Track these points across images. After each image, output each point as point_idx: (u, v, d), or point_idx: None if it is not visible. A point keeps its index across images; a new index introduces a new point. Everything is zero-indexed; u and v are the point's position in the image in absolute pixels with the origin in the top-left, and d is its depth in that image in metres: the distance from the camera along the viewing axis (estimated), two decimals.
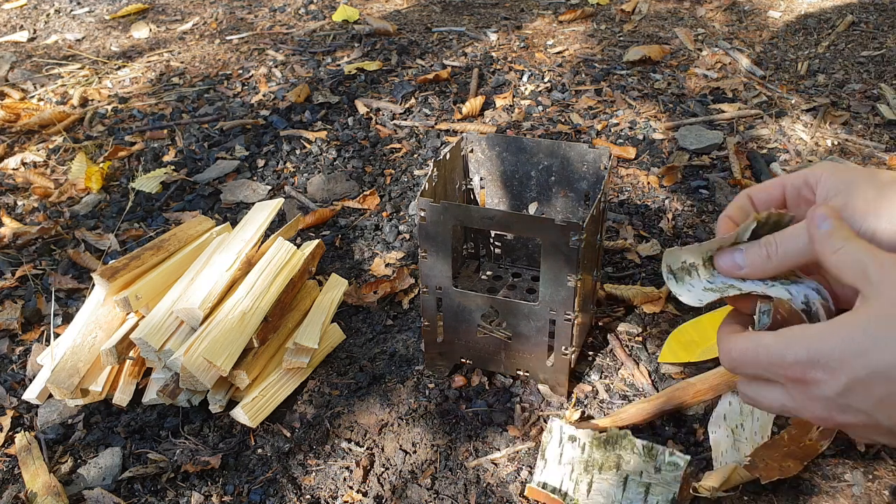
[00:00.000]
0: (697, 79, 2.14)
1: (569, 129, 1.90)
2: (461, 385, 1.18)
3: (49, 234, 1.60)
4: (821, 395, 0.47)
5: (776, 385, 0.50)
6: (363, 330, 1.31)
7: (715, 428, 1.07)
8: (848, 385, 0.45)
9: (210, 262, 1.24)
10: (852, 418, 0.47)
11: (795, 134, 1.86)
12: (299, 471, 1.07)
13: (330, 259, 1.50)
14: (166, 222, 1.64)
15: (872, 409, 0.45)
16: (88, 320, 1.20)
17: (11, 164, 1.88)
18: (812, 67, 2.18)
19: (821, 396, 0.47)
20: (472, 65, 2.26)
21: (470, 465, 1.06)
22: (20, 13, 2.92)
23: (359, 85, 2.16)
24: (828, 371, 0.46)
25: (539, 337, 1.10)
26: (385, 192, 1.69)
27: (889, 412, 0.45)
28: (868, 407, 0.45)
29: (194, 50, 2.50)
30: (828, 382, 0.46)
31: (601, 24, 2.55)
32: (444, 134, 1.91)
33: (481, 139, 1.24)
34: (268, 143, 1.90)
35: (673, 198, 1.63)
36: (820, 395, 0.47)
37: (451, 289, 1.10)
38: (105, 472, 1.07)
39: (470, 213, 1.05)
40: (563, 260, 1.00)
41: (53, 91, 2.28)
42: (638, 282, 1.38)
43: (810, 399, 0.48)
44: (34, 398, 1.17)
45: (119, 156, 1.89)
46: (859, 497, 0.98)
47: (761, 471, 0.98)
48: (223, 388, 1.14)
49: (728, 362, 0.53)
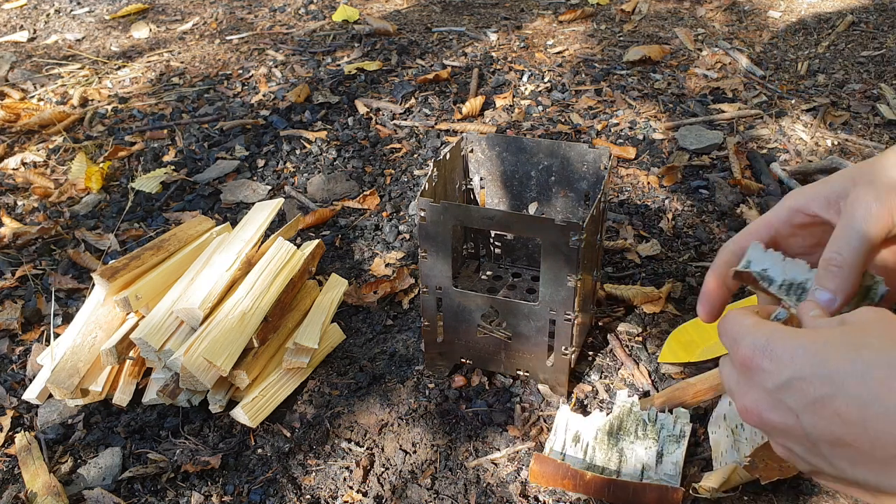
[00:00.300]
0: (697, 79, 2.14)
1: (569, 129, 1.90)
2: (461, 385, 1.18)
3: (49, 234, 1.60)
4: (759, 384, 0.47)
5: (730, 362, 0.51)
6: (363, 330, 1.31)
7: (715, 428, 1.07)
8: (789, 380, 0.45)
9: (210, 262, 1.24)
10: (777, 418, 0.46)
11: (795, 134, 1.86)
12: (299, 471, 1.07)
13: (330, 259, 1.50)
14: (166, 222, 1.64)
15: (802, 409, 0.45)
16: (88, 320, 1.20)
17: (11, 164, 1.88)
18: (812, 67, 2.18)
19: (759, 385, 0.47)
20: (472, 65, 2.26)
21: (470, 465, 1.06)
22: (20, 13, 2.92)
23: (359, 85, 2.16)
24: (775, 362, 0.46)
25: (539, 337, 1.10)
26: (385, 192, 1.69)
27: (816, 417, 0.44)
28: (799, 406, 0.45)
29: (194, 50, 2.50)
30: (771, 373, 0.46)
31: (601, 24, 2.55)
32: (444, 134, 1.91)
33: (481, 139, 1.24)
34: (268, 143, 1.90)
35: (673, 198, 1.63)
36: (759, 383, 0.47)
37: (451, 289, 1.10)
38: (105, 472, 1.07)
39: (470, 213, 1.05)
40: (563, 260, 1.00)
41: (53, 91, 2.28)
42: (638, 282, 1.38)
43: (749, 385, 0.48)
44: (34, 398, 1.17)
45: (119, 156, 1.89)
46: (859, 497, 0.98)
47: (761, 471, 0.98)
48: (223, 388, 1.14)
49: (719, 328, 0.54)
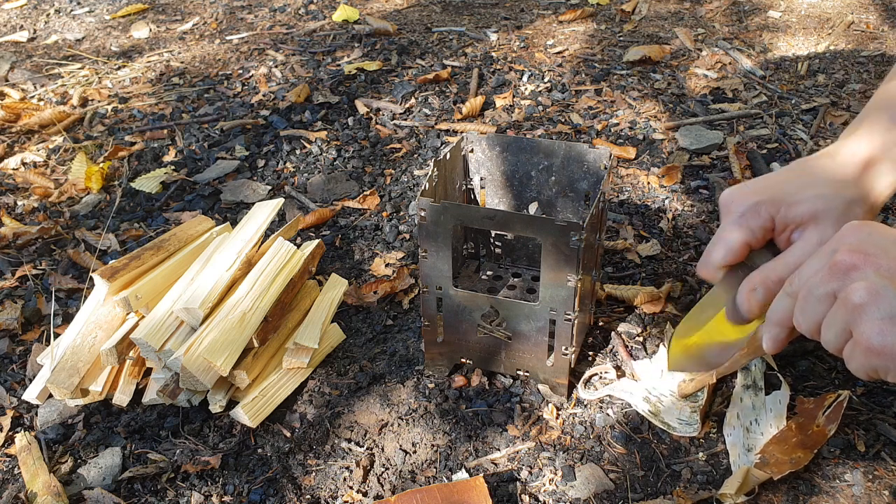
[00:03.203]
0: (697, 79, 2.14)
1: (569, 129, 1.90)
2: (461, 385, 1.18)
3: (49, 234, 1.60)
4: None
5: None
6: (363, 330, 1.31)
7: (730, 430, 1.06)
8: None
9: (210, 262, 1.24)
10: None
11: (795, 134, 1.86)
12: (299, 471, 1.07)
13: (330, 259, 1.50)
14: (166, 222, 1.64)
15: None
16: (88, 320, 1.20)
17: (11, 164, 1.88)
18: (812, 67, 2.18)
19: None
20: (472, 65, 2.26)
21: (470, 465, 1.06)
22: (20, 13, 2.92)
23: (359, 85, 2.16)
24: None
25: (539, 337, 1.10)
26: (385, 192, 1.70)
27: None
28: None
29: (194, 50, 2.50)
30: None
31: (601, 24, 2.55)
32: (444, 134, 1.91)
33: (481, 139, 1.24)
34: (268, 143, 1.90)
35: (673, 198, 1.63)
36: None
37: (451, 289, 1.10)
38: (105, 472, 1.07)
39: (470, 212, 1.05)
40: (563, 260, 1.00)
41: (53, 91, 2.28)
42: (638, 282, 1.38)
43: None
44: (34, 398, 1.17)
45: (119, 156, 1.89)
46: (859, 497, 0.98)
47: (772, 467, 0.98)
48: (223, 388, 1.14)
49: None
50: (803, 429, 1.04)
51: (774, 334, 0.66)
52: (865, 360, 0.57)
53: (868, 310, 0.55)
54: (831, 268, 0.59)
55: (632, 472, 1.04)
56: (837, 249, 0.60)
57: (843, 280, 0.58)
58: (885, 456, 1.03)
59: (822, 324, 0.60)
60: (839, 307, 0.58)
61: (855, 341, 0.57)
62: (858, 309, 0.56)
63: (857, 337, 0.57)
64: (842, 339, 0.59)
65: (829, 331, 0.60)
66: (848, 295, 0.57)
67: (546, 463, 1.05)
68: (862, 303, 0.56)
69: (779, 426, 1.05)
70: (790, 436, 1.03)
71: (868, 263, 0.58)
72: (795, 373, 1.16)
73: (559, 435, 1.10)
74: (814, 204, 0.73)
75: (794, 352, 1.18)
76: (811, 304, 0.61)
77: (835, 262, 0.59)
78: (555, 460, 1.06)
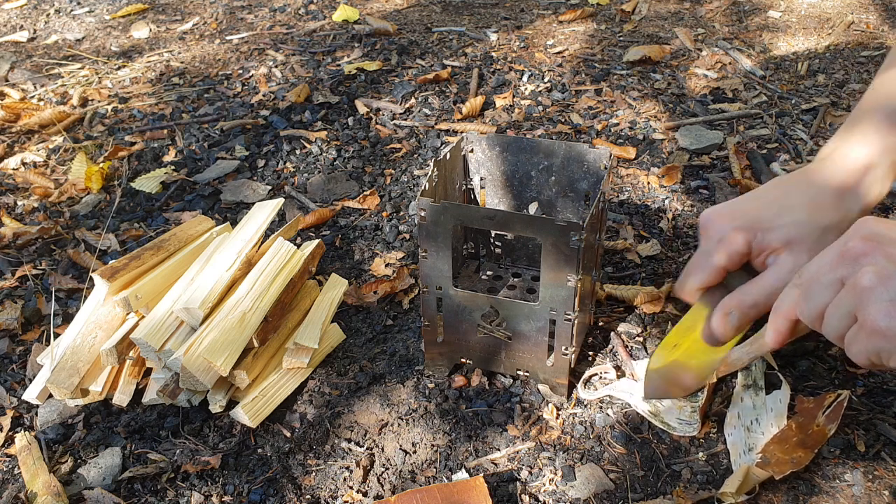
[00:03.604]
0: (697, 79, 2.14)
1: (569, 129, 1.90)
2: (461, 385, 1.18)
3: (49, 234, 1.60)
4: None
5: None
6: (363, 330, 1.31)
7: (731, 430, 1.06)
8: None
9: (210, 262, 1.24)
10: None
11: (795, 134, 1.86)
12: (299, 471, 1.07)
13: (330, 259, 1.50)
14: (166, 222, 1.64)
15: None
16: (88, 320, 1.20)
17: (11, 164, 1.88)
18: (812, 67, 2.18)
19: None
20: (472, 65, 2.26)
21: (470, 465, 1.06)
22: (20, 13, 2.92)
23: (359, 85, 2.16)
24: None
25: (539, 337, 1.10)
26: (385, 192, 1.70)
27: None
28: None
29: (194, 50, 2.50)
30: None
31: (601, 24, 2.55)
32: (444, 134, 1.91)
33: (481, 139, 1.24)
34: (268, 143, 1.90)
35: (673, 198, 1.63)
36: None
37: (451, 289, 1.10)
38: (105, 472, 1.07)
39: (470, 212, 1.05)
40: (563, 260, 1.00)
41: (53, 91, 2.28)
42: (638, 282, 1.38)
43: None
44: (34, 398, 1.17)
45: (119, 156, 1.89)
46: (859, 497, 0.98)
47: (773, 467, 0.98)
48: (223, 388, 1.14)
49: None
50: (803, 428, 1.04)
51: (778, 325, 0.67)
52: (869, 343, 0.57)
53: (877, 291, 0.56)
54: (842, 255, 0.61)
55: (632, 472, 1.04)
56: (850, 239, 0.61)
57: (852, 266, 0.60)
58: (885, 456, 1.03)
59: (825, 310, 0.61)
60: (847, 291, 0.59)
61: (860, 324, 0.58)
62: (867, 291, 0.57)
63: (862, 319, 0.57)
64: (844, 324, 0.60)
65: (832, 315, 0.60)
66: (857, 279, 0.58)
67: (546, 463, 1.05)
68: (871, 285, 0.57)
69: (780, 426, 1.05)
70: (791, 435, 1.03)
71: (878, 251, 0.59)
72: (796, 373, 1.16)
73: (559, 435, 1.09)
74: (789, 231, 0.76)
75: (795, 352, 1.18)
76: (817, 289, 0.62)
77: (846, 250, 0.60)
78: (555, 460, 1.06)
